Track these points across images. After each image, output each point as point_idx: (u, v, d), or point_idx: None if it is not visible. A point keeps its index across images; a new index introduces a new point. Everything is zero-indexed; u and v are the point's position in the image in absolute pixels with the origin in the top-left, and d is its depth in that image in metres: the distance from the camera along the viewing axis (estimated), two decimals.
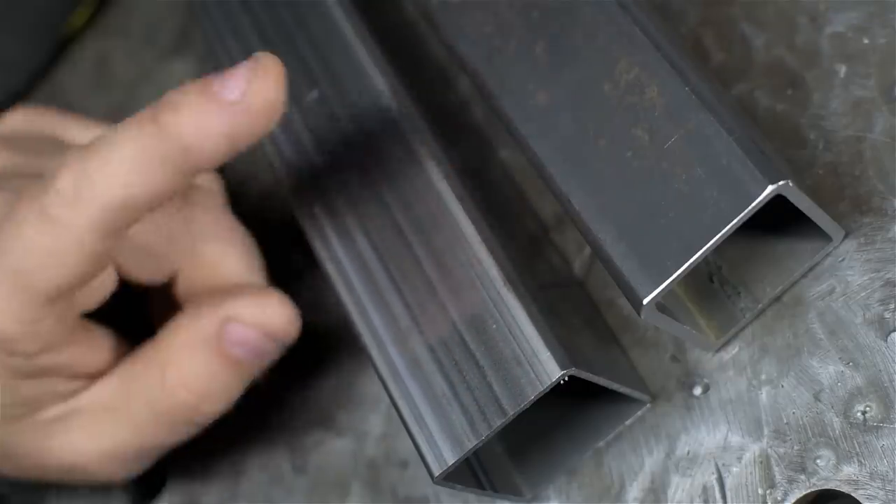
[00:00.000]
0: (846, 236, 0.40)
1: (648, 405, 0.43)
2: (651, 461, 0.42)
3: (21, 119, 0.52)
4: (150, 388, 0.45)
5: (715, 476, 0.41)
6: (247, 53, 0.50)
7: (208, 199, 0.49)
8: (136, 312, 0.50)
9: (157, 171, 0.41)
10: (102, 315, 0.47)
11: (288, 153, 0.47)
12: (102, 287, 0.46)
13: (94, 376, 0.46)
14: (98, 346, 0.45)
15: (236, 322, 0.44)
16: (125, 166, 0.40)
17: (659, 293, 0.37)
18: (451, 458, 0.39)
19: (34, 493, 0.54)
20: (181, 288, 0.48)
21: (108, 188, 0.41)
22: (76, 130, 0.52)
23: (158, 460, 0.49)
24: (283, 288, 0.48)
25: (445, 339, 0.41)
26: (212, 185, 0.51)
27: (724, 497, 0.40)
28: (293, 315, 0.46)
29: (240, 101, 0.40)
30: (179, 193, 0.45)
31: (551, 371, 0.38)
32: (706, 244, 0.36)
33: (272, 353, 0.46)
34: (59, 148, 0.49)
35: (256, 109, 0.41)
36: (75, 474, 0.47)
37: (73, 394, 0.45)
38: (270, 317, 0.45)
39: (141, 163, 0.40)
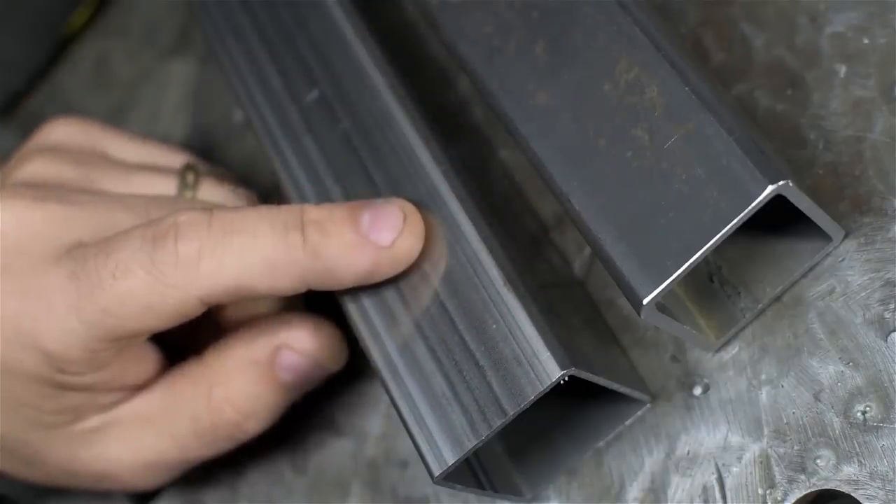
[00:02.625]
0: (846, 236, 0.40)
1: (648, 405, 0.43)
2: (651, 461, 0.42)
3: (63, 130, 0.51)
4: (195, 404, 0.46)
5: (715, 476, 0.41)
6: (247, 53, 0.50)
7: None
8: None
9: (287, 278, 0.42)
10: None
11: (288, 153, 0.47)
12: None
13: (135, 389, 0.46)
14: (143, 360, 0.46)
15: (289, 349, 0.45)
16: (258, 264, 0.42)
17: (659, 293, 0.37)
18: (451, 458, 0.39)
19: (36, 494, 0.54)
20: (230, 310, 0.48)
21: (232, 274, 0.42)
22: (118, 146, 0.51)
23: None
24: None
25: (445, 339, 0.41)
26: None
27: (724, 497, 0.40)
28: (343, 346, 0.47)
29: (388, 249, 0.42)
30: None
31: (551, 371, 0.38)
32: (706, 244, 0.36)
33: (319, 378, 0.47)
34: (103, 161, 0.49)
35: (400, 259, 0.42)
36: (107, 483, 0.48)
37: (114, 405, 0.46)
38: (322, 347, 0.46)
39: (275, 267, 0.42)
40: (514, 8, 0.43)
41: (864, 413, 0.38)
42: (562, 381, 0.38)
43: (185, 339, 0.48)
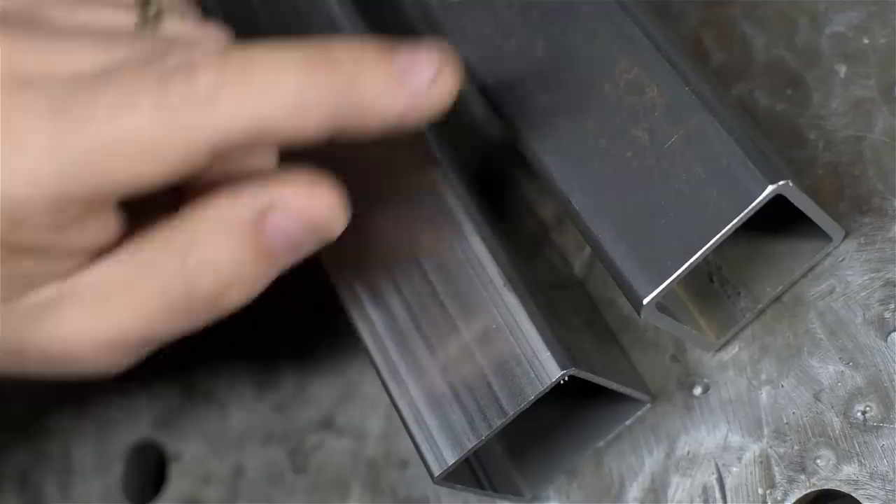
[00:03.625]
0: (846, 236, 0.40)
1: (648, 405, 0.43)
2: (651, 461, 0.42)
3: None
4: (166, 270, 0.39)
5: (715, 476, 0.41)
6: None
7: None
8: None
9: (313, 119, 0.37)
10: None
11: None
12: None
13: (95, 254, 0.39)
14: (106, 219, 0.39)
15: (280, 209, 0.38)
16: (282, 103, 0.36)
17: (659, 293, 0.37)
18: (451, 458, 0.39)
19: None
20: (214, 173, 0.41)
21: (254, 113, 0.36)
22: None
23: (158, 460, 0.49)
24: (282, 288, 0.48)
25: (446, 340, 0.41)
26: None
27: (724, 497, 0.40)
28: (342, 207, 0.39)
29: (423, 91, 0.37)
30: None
31: (551, 371, 0.38)
32: (706, 244, 0.36)
33: (311, 247, 0.40)
34: None
35: (434, 104, 0.38)
36: (61, 366, 0.40)
37: (70, 273, 0.39)
38: (318, 208, 0.39)
39: (301, 105, 0.36)
40: (514, 8, 0.43)
41: (864, 413, 0.38)
42: (562, 381, 0.38)
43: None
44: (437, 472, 0.39)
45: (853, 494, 0.38)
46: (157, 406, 0.53)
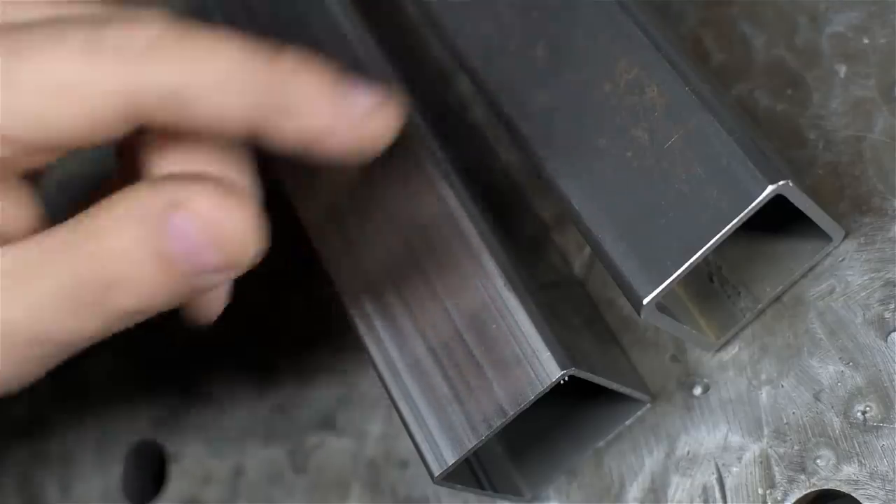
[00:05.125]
0: (846, 236, 0.40)
1: (648, 405, 0.43)
2: (651, 461, 0.42)
3: None
4: (62, 258, 0.35)
5: (715, 476, 0.41)
6: None
7: None
8: None
9: (237, 105, 0.35)
10: None
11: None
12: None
13: (4, 239, 0.36)
14: (19, 204, 0.37)
15: (185, 210, 0.35)
16: (211, 75, 0.35)
17: (659, 293, 0.37)
18: (451, 458, 0.39)
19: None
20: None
21: (176, 79, 0.35)
22: None
23: (158, 460, 0.49)
24: (282, 288, 0.48)
25: (445, 339, 0.41)
26: None
27: (724, 497, 0.40)
28: (254, 230, 0.35)
29: (355, 116, 0.36)
30: None
31: (551, 371, 0.38)
32: (706, 244, 0.36)
33: (218, 271, 0.36)
34: None
35: (361, 136, 0.37)
36: None
37: None
38: (225, 219, 0.35)
39: (228, 82, 0.35)
40: (514, 8, 0.43)
41: (864, 413, 0.38)
42: (562, 381, 0.38)
43: None
44: (437, 472, 0.39)
45: (853, 494, 0.38)
46: (157, 406, 0.53)
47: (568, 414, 0.44)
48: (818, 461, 0.39)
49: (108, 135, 0.36)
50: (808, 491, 0.39)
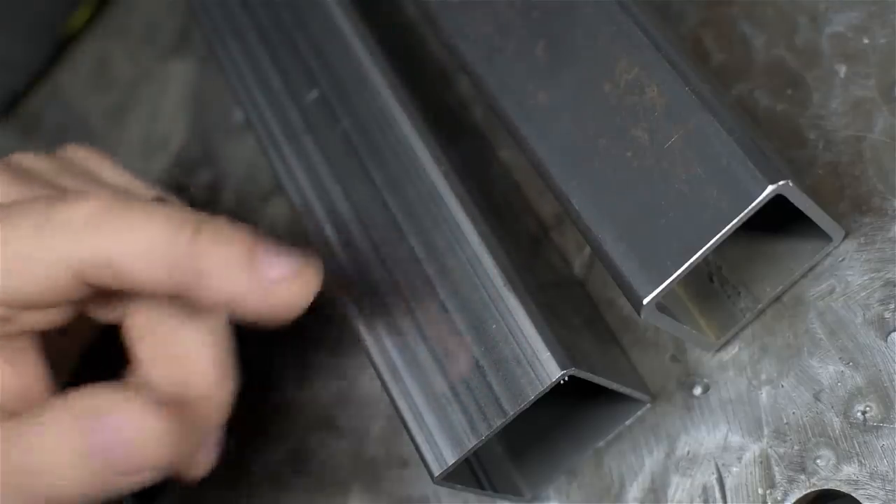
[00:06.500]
0: (846, 236, 0.40)
1: (648, 405, 0.43)
2: (651, 461, 0.42)
3: (73, 151, 0.51)
4: (5, 444, 0.39)
5: (715, 476, 0.41)
6: (247, 53, 0.50)
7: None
8: None
9: (159, 268, 0.39)
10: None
11: (288, 153, 0.47)
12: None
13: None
14: (23, 374, 0.42)
15: (107, 417, 0.38)
16: (140, 246, 0.39)
17: (659, 293, 0.37)
18: (451, 458, 0.39)
19: None
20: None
21: (110, 248, 0.39)
22: (106, 169, 0.51)
23: None
24: None
25: (445, 340, 0.41)
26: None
27: (724, 497, 0.40)
28: (164, 439, 0.39)
29: (270, 285, 0.39)
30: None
31: (551, 371, 0.38)
32: (706, 244, 0.36)
33: (135, 473, 0.39)
34: (82, 176, 0.49)
35: (276, 304, 0.40)
36: None
37: None
38: (140, 430, 0.38)
39: (151, 255, 0.39)
40: (514, 8, 0.43)
41: (864, 413, 0.38)
42: (562, 381, 0.38)
43: None
44: (437, 472, 0.39)
45: (853, 494, 0.38)
46: None
47: (568, 414, 0.44)
48: (818, 461, 0.39)
49: (67, 296, 0.40)
50: (808, 491, 0.39)
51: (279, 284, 0.39)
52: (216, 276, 0.39)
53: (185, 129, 0.61)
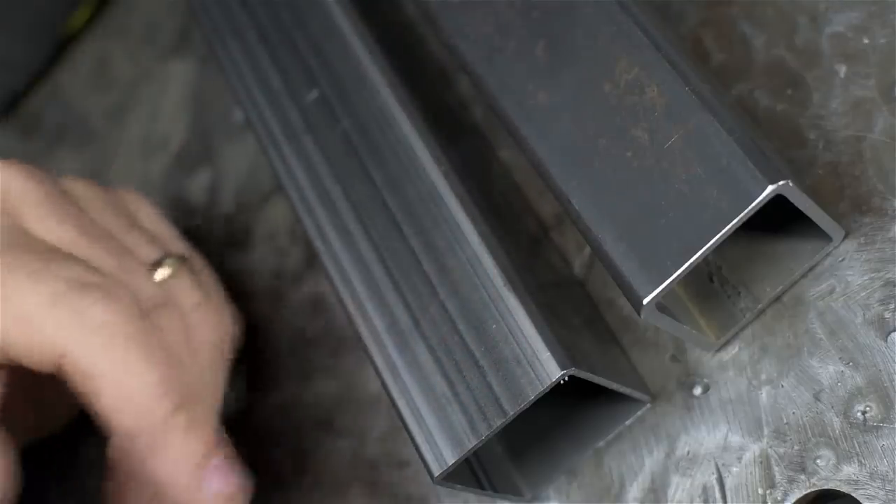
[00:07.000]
0: (846, 236, 0.40)
1: (648, 405, 0.43)
2: (651, 461, 0.42)
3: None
4: None
5: (715, 476, 0.41)
6: (247, 53, 0.50)
7: None
8: None
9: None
10: None
11: (288, 153, 0.47)
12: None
13: None
14: None
15: None
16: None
17: (659, 293, 0.37)
18: (451, 458, 0.39)
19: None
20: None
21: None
22: (148, 219, 0.52)
23: None
24: (282, 288, 0.48)
25: (445, 339, 0.41)
26: None
27: (724, 497, 0.40)
28: None
29: (206, 496, 0.43)
30: None
31: (551, 371, 0.38)
32: (706, 244, 0.36)
33: None
34: (116, 220, 0.49)
35: None
36: None
37: None
38: None
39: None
40: (514, 8, 0.43)
41: (864, 413, 0.38)
42: (562, 381, 0.38)
43: None
44: (437, 472, 0.39)
45: (853, 494, 0.38)
46: None
47: (568, 414, 0.44)
48: (818, 461, 0.39)
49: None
50: (808, 491, 0.39)
51: (215, 499, 0.43)
52: (168, 456, 0.43)
53: (185, 129, 0.61)
